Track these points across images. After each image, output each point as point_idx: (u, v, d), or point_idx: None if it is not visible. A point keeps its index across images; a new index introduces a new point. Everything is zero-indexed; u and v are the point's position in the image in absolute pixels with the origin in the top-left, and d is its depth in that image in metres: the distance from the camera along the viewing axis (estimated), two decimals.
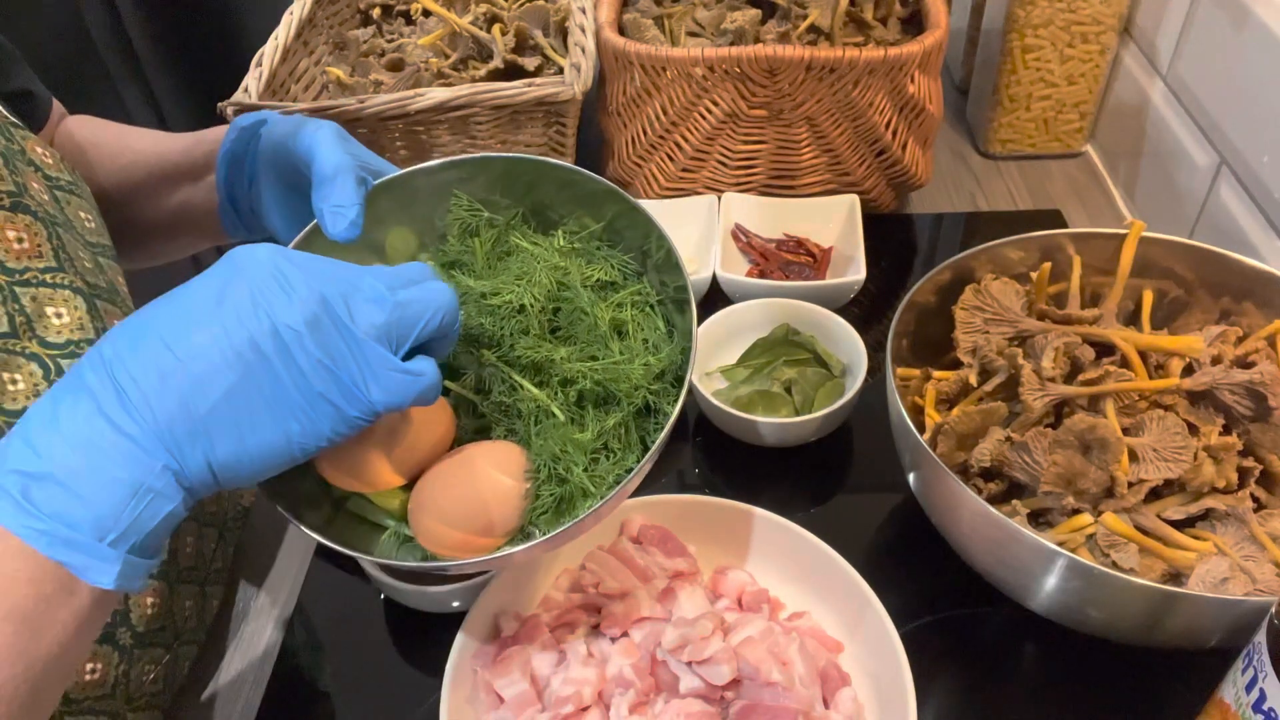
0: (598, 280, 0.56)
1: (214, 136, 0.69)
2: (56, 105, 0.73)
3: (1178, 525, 0.60)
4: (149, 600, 0.60)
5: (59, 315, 0.55)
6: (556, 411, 0.52)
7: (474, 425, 0.54)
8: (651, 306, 0.57)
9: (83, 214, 0.61)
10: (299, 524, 0.49)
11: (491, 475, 0.50)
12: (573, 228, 0.58)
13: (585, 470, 0.51)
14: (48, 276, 0.55)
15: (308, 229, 0.55)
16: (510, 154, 0.58)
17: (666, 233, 0.55)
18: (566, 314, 0.55)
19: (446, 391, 0.53)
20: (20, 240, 0.54)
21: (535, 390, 0.52)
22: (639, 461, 0.51)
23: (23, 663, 0.38)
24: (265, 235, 0.67)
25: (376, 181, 0.55)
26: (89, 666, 0.55)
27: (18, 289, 0.53)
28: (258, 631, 0.71)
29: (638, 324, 0.55)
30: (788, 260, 0.94)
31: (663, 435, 0.50)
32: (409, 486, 0.52)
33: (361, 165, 0.55)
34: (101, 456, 0.39)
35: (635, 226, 0.56)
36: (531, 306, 0.53)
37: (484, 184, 0.58)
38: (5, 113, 0.59)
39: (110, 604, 0.42)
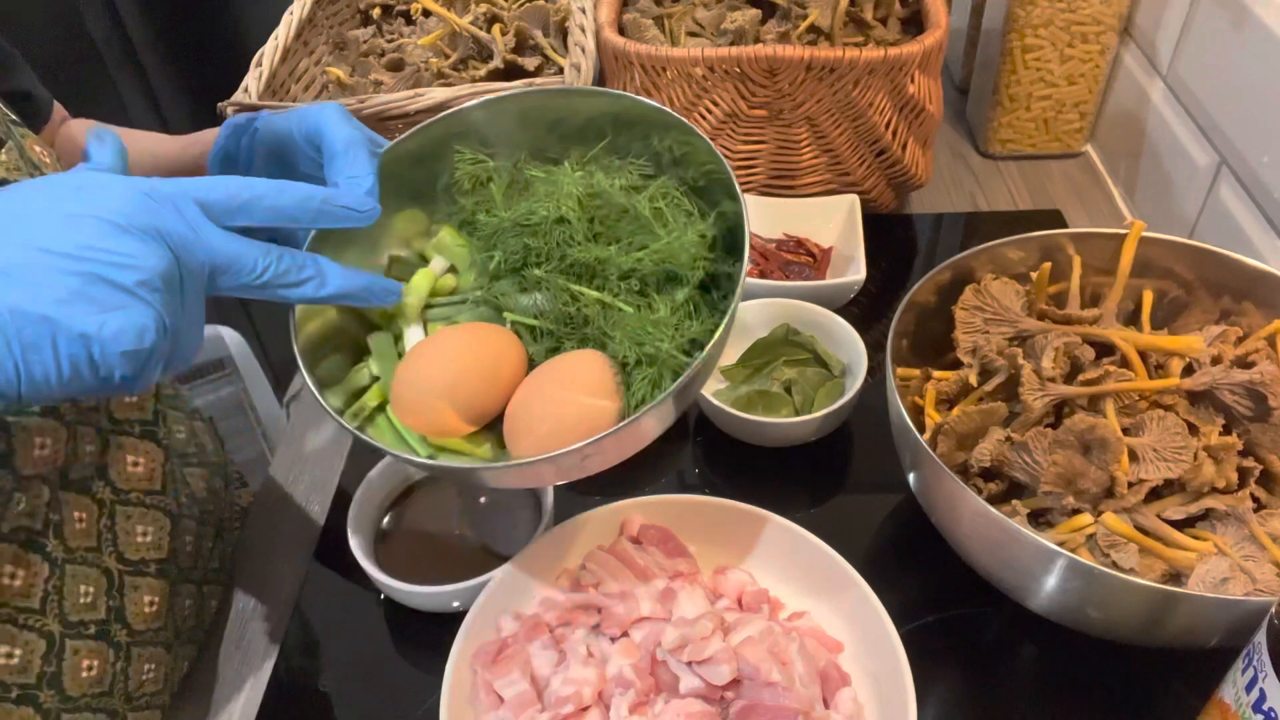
0: (621, 186, 0.56)
1: (209, 138, 0.68)
2: (58, 108, 0.73)
3: (1178, 525, 0.60)
4: (147, 599, 0.60)
5: None
6: (623, 306, 0.52)
7: (545, 349, 0.54)
8: (681, 196, 0.56)
9: None
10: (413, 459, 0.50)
11: (579, 383, 0.50)
12: (579, 152, 0.58)
13: (671, 340, 0.50)
14: None
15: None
16: (498, 94, 0.58)
17: (673, 112, 0.54)
18: (603, 220, 0.54)
19: (510, 325, 0.53)
20: None
21: (596, 292, 0.52)
22: (724, 317, 0.50)
23: None
24: (263, 236, 0.67)
25: (383, 149, 0.55)
26: (85, 664, 0.55)
27: None
28: (257, 631, 0.71)
29: (674, 209, 0.55)
30: (788, 260, 0.94)
31: (739, 287, 0.50)
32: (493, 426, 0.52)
33: (370, 140, 0.55)
34: None
35: (639, 126, 0.56)
36: (570, 215, 0.53)
37: (482, 133, 0.58)
38: (5, 109, 0.59)
39: None
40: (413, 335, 0.56)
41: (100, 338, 0.39)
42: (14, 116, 0.59)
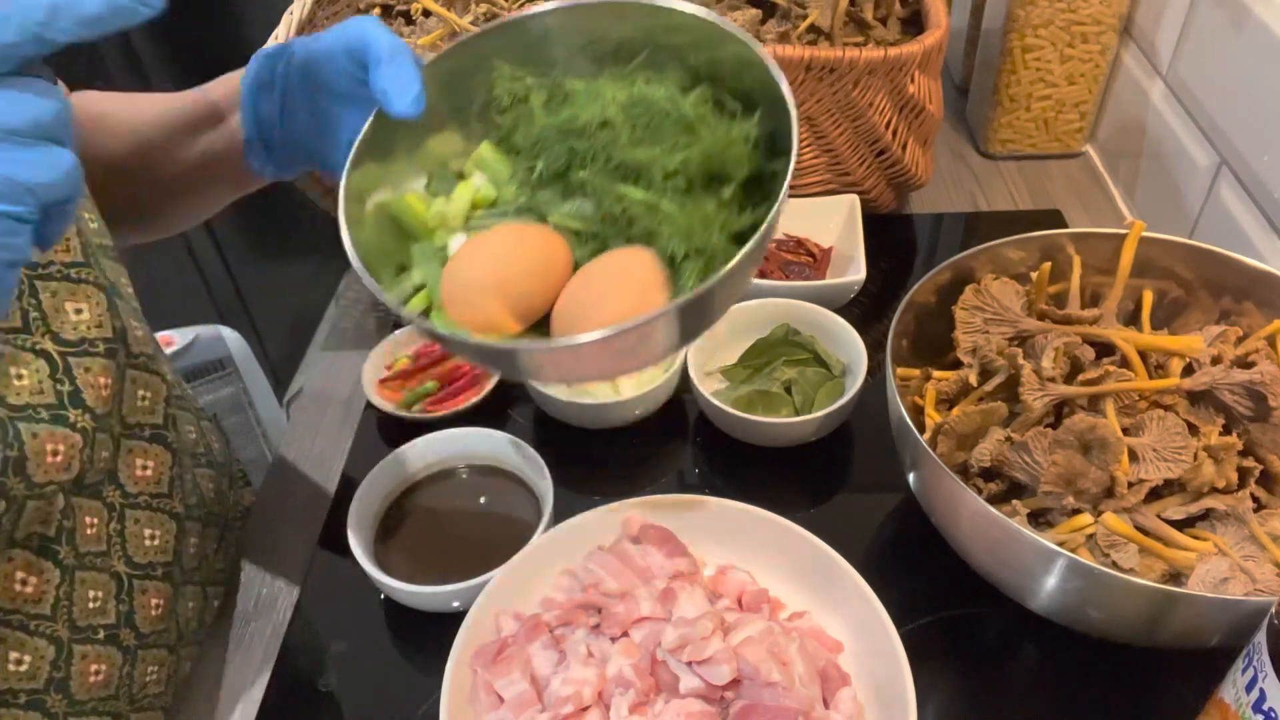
0: (663, 95, 0.55)
1: (228, 79, 0.67)
2: (61, 87, 0.71)
3: (1178, 525, 0.60)
4: (154, 602, 0.60)
5: (79, 311, 0.55)
6: (668, 205, 0.52)
7: (591, 251, 0.54)
8: (722, 102, 0.56)
9: (86, 214, 0.61)
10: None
11: (629, 276, 0.50)
12: (615, 67, 0.57)
13: (721, 231, 0.51)
14: (72, 271, 0.55)
15: (364, 133, 0.54)
16: (538, 8, 0.57)
17: (708, 14, 0.54)
18: (645, 125, 0.54)
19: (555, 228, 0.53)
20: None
21: (641, 192, 0.52)
22: (775, 202, 0.50)
23: None
24: (301, 167, 0.66)
25: (426, 62, 0.55)
26: (93, 668, 0.55)
27: (38, 283, 0.53)
28: (258, 631, 0.71)
29: (717, 111, 0.55)
30: (788, 260, 0.94)
31: (788, 178, 0.49)
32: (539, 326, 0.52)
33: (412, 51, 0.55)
34: None
35: (678, 39, 0.56)
36: (614, 117, 0.53)
37: (519, 53, 0.58)
38: None
39: None
40: (456, 244, 0.56)
41: None
42: None
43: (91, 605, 0.56)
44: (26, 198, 0.36)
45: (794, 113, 0.51)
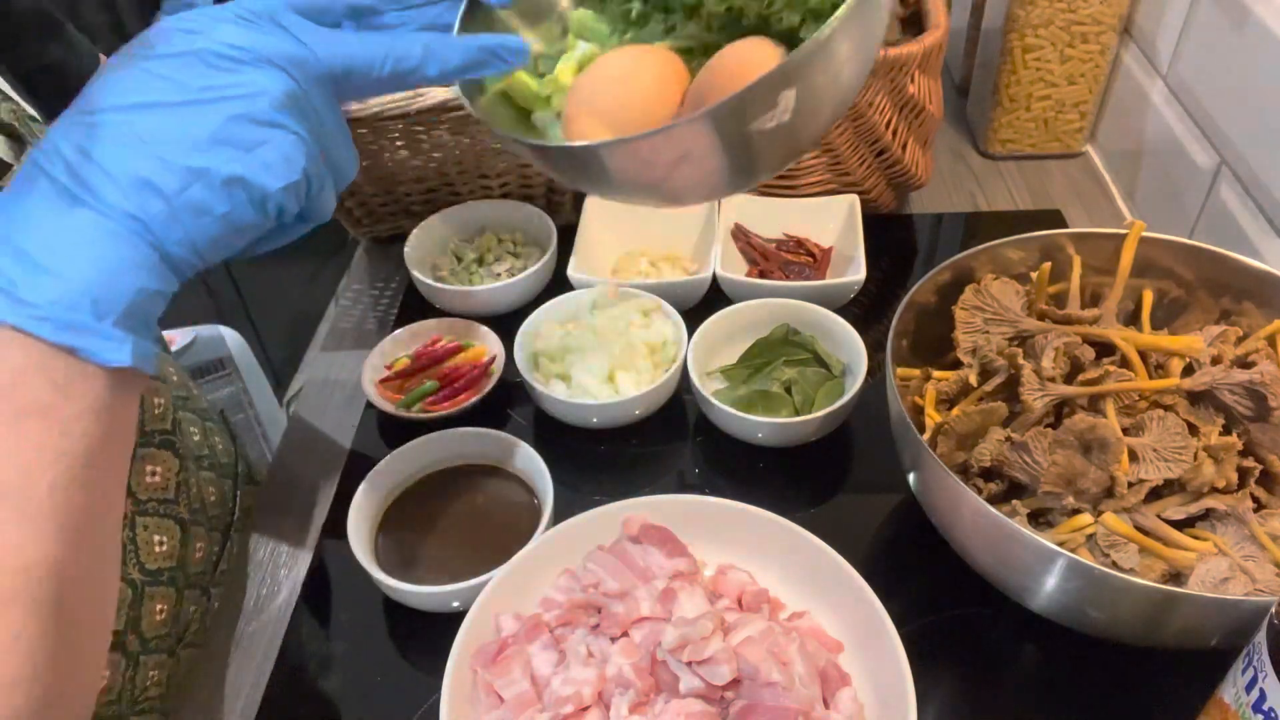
0: None
1: None
2: (103, 60, 0.70)
3: (1178, 525, 0.60)
4: (159, 608, 0.60)
5: None
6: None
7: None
8: None
9: None
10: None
11: (750, 63, 0.47)
12: None
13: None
14: None
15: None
16: None
17: None
18: None
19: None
20: None
21: None
22: None
23: (64, 463, 0.37)
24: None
25: None
26: None
27: None
28: (258, 631, 0.71)
29: None
30: (788, 260, 0.94)
31: None
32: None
33: None
34: (86, 242, 0.38)
35: None
36: None
37: None
38: (22, 104, 0.58)
39: (130, 395, 0.41)
40: None
41: (251, 179, 0.39)
42: (32, 112, 0.58)
43: None
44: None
45: None
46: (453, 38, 0.48)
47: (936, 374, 0.71)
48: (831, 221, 0.96)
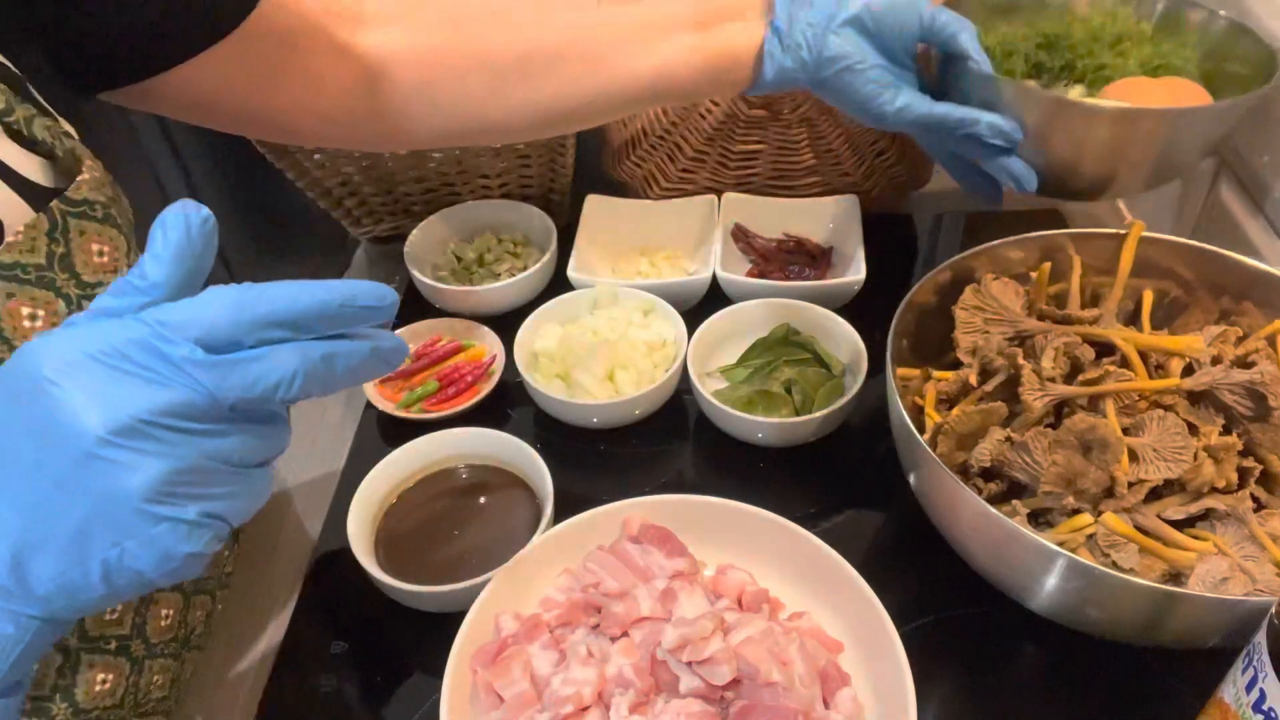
0: None
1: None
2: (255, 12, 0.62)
3: (1178, 525, 0.60)
4: (164, 612, 0.60)
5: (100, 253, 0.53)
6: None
7: None
8: None
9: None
10: None
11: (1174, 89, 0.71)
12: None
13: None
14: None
15: None
16: None
17: None
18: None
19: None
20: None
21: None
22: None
23: None
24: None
25: None
26: (99, 677, 0.55)
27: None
28: (258, 632, 0.71)
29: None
30: (788, 260, 0.94)
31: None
32: None
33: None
34: None
35: None
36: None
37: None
38: (60, 120, 0.55)
39: None
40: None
41: (132, 568, 0.37)
42: (68, 129, 0.55)
43: (109, 617, 0.55)
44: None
45: None
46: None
47: (936, 374, 0.71)
48: (831, 221, 0.96)
